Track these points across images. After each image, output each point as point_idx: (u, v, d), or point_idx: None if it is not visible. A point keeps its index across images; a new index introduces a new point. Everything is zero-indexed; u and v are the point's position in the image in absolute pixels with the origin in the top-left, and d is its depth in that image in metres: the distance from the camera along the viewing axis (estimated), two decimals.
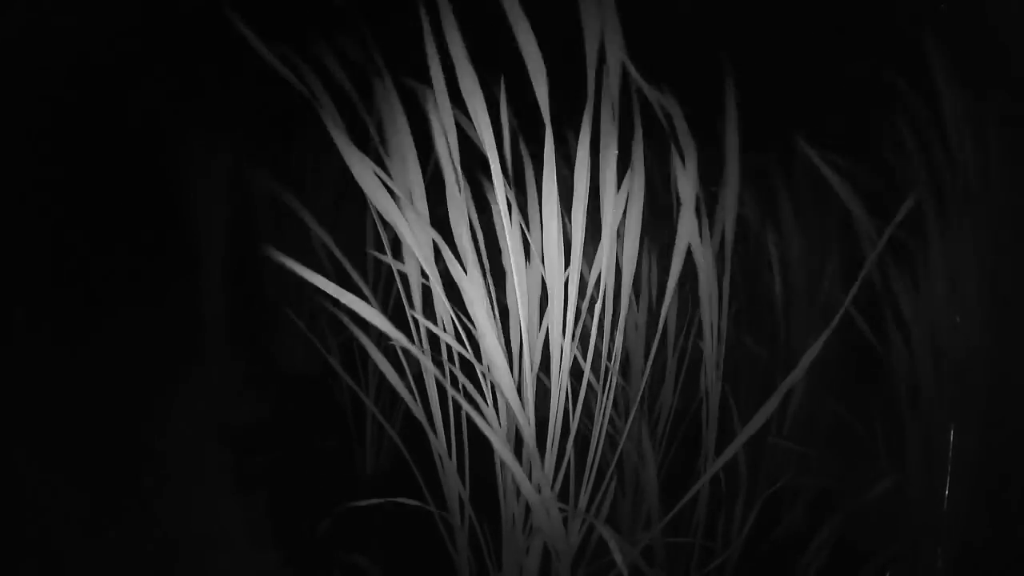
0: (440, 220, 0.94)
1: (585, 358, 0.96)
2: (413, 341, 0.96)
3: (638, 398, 1.06)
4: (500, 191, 0.87)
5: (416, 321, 0.97)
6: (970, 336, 1.08)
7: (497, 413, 0.94)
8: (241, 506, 1.40)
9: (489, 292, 0.91)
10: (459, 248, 0.91)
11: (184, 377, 1.90)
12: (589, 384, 0.96)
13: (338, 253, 0.97)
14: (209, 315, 2.00)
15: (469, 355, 0.90)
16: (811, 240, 1.40)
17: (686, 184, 1.00)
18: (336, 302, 0.85)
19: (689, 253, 1.02)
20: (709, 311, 1.04)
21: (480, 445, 1.00)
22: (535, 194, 0.98)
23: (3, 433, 1.57)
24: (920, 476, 1.16)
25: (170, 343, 2.02)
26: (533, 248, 0.92)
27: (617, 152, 0.90)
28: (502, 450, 0.89)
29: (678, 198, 1.02)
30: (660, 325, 1.02)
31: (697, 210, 1.01)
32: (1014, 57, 1.08)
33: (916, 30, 1.07)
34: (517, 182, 0.97)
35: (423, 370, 0.96)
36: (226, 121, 1.92)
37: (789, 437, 1.28)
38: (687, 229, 1.01)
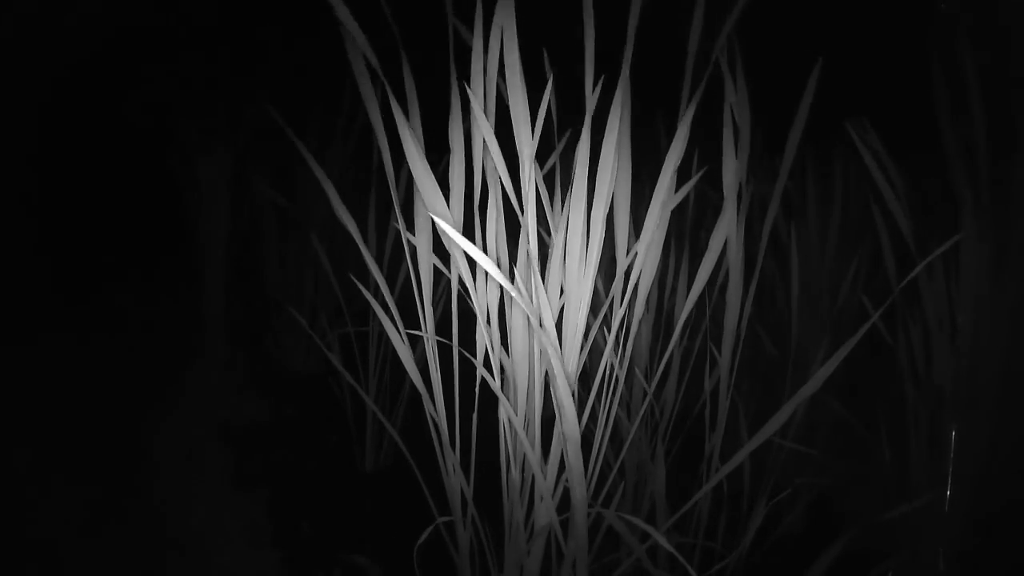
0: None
1: (593, 361, 0.96)
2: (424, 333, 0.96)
3: (645, 399, 1.06)
4: (531, 191, 0.87)
5: (424, 309, 0.97)
6: (990, 336, 1.07)
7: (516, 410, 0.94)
8: (241, 506, 1.39)
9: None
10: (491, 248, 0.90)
11: (185, 376, 1.89)
12: (594, 387, 0.95)
13: (358, 238, 0.96)
14: (210, 314, 2.00)
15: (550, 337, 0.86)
16: (832, 237, 1.39)
17: (732, 175, 0.97)
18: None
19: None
20: (733, 315, 1.03)
21: (480, 445, 0.99)
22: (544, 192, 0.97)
23: (4, 433, 1.57)
24: (923, 476, 1.15)
25: (171, 342, 2.02)
26: (556, 249, 0.91)
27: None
28: (528, 447, 0.88)
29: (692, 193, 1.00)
30: (677, 331, 1.01)
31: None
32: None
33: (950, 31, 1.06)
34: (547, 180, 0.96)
35: (429, 364, 0.96)
36: (230, 118, 1.92)
37: (792, 438, 1.28)
38: (726, 226, 0.98)
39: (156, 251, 2.20)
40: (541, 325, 0.89)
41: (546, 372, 0.93)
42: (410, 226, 1.03)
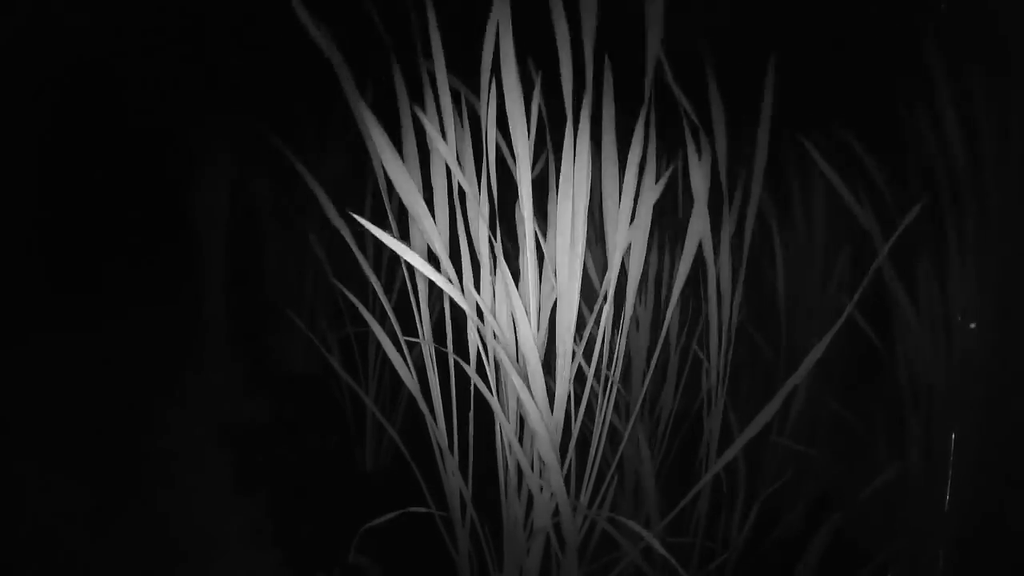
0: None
1: (588, 360, 0.96)
2: (419, 334, 0.96)
3: (639, 400, 1.06)
4: (526, 192, 0.87)
5: (420, 311, 0.97)
6: (980, 333, 1.07)
7: (506, 410, 0.94)
8: (241, 506, 1.40)
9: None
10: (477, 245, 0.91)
11: (185, 377, 1.90)
12: (591, 387, 0.96)
13: (351, 241, 0.97)
14: (210, 315, 2.00)
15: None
16: (820, 235, 1.39)
17: (699, 178, 0.98)
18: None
19: (698, 250, 1.01)
20: (718, 313, 1.03)
21: (480, 444, 1.00)
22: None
23: (5, 433, 1.57)
24: (921, 475, 1.16)
25: (171, 343, 2.02)
26: (547, 249, 0.91)
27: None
28: (515, 445, 0.88)
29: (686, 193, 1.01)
30: (664, 328, 1.01)
31: (711, 206, 1.00)
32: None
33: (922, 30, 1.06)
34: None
35: (426, 364, 0.96)
36: (228, 120, 1.92)
37: (789, 436, 1.28)
38: (698, 227, 0.99)
39: (155, 251, 2.20)
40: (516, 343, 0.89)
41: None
42: (405, 230, 1.03)
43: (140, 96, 2.06)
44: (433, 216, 0.93)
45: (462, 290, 0.92)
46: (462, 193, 0.93)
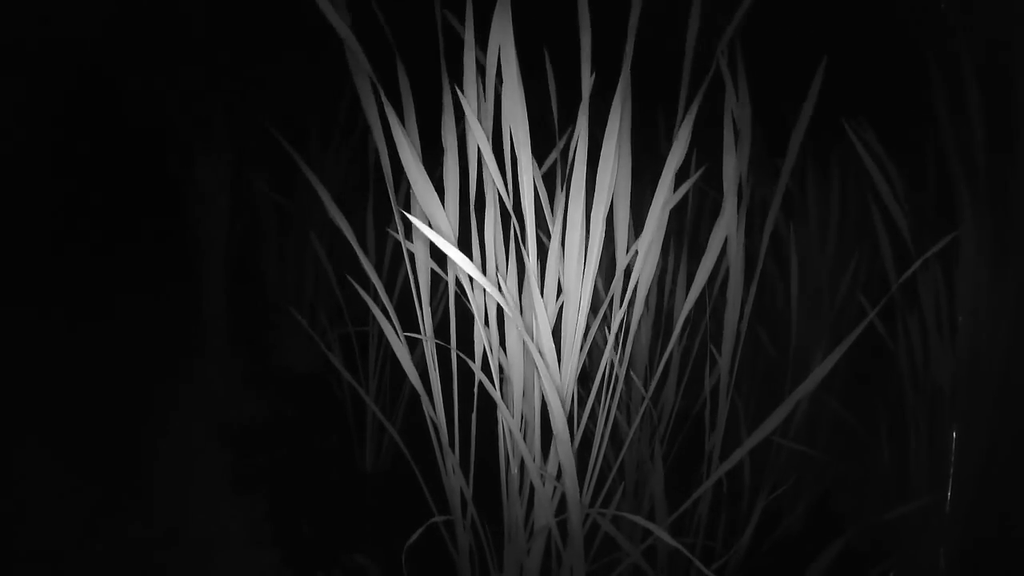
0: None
1: (592, 359, 0.95)
2: (422, 334, 0.96)
3: (644, 401, 1.05)
4: (528, 200, 0.86)
5: (422, 311, 0.97)
6: (990, 335, 1.07)
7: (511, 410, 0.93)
8: (241, 506, 1.39)
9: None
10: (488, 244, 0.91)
11: (185, 376, 1.89)
12: (593, 386, 0.95)
13: (354, 243, 0.96)
14: (209, 314, 2.00)
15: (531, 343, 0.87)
16: (832, 234, 1.39)
17: (732, 176, 0.97)
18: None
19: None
20: (733, 314, 1.02)
21: (480, 443, 0.99)
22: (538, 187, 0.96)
23: (3, 432, 1.57)
24: (923, 477, 1.15)
25: (171, 342, 2.02)
26: (553, 248, 0.91)
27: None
28: (521, 445, 0.88)
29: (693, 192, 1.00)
30: (677, 328, 1.01)
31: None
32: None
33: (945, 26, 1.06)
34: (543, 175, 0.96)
35: (429, 365, 0.96)
36: (229, 117, 1.92)
37: (792, 437, 1.28)
38: (726, 225, 0.98)
39: (156, 251, 2.20)
40: (532, 337, 0.89)
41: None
42: (408, 227, 1.03)
43: (140, 95, 2.06)
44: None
45: (500, 288, 0.92)
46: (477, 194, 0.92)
